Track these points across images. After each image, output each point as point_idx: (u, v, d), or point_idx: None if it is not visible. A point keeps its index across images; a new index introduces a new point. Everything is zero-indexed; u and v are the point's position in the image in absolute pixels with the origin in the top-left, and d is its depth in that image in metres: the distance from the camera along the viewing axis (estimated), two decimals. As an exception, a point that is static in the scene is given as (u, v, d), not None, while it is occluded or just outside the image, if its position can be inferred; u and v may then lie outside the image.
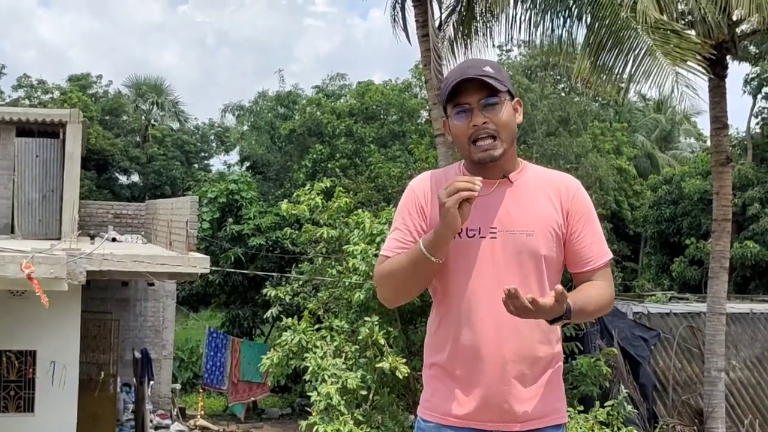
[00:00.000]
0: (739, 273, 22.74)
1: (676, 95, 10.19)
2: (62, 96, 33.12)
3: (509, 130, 2.70)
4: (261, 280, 19.41)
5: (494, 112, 2.67)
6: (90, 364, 15.13)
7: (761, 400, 13.71)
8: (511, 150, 2.75)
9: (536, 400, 2.73)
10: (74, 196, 15.94)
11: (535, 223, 2.70)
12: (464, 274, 2.71)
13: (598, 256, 2.77)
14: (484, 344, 2.68)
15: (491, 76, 2.66)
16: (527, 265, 2.69)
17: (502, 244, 2.69)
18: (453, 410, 2.76)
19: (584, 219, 2.76)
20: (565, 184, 2.80)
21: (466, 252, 2.70)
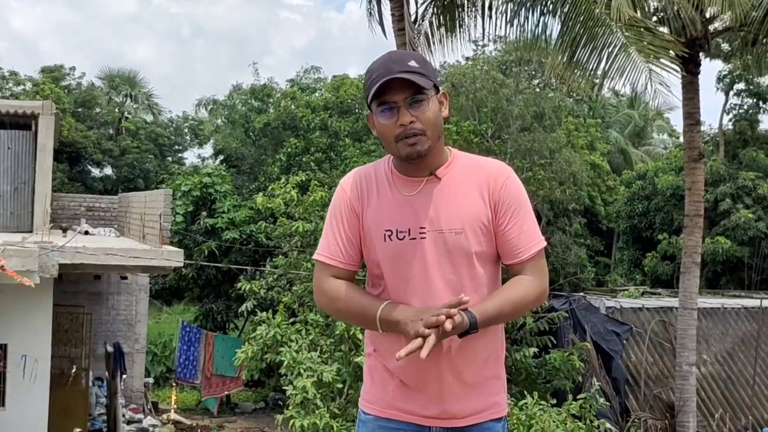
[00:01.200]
0: (711, 268, 22.95)
1: (649, 92, 10.27)
2: (34, 88, 32.77)
3: (436, 125, 2.64)
4: (235, 274, 19.35)
5: (421, 110, 2.60)
6: (62, 357, 15.01)
7: (731, 394, 13.86)
8: (439, 145, 2.70)
9: (474, 395, 2.73)
10: (46, 188, 15.80)
11: (464, 219, 2.66)
12: (397, 276, 2.69)
13: (528, 246, 2.69)
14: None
15: (417, 71, 2.60)
16: (459, 263, 2.66)
17: (432, 245, 2.65)
18: (392, 403, 2.77)
19: (513, 209, 2.69)
20: (494, 174, 2.72)
21: (396, 255, 2.68)
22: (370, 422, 2.83)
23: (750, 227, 22.21)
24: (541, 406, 9.32)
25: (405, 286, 2.67)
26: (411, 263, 2.67)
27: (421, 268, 2.66)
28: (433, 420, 2.73)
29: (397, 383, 2.76)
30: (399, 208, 2.69)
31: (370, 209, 2.73)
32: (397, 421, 2.76)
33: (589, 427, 9.66)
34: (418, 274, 2.66)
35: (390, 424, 2.78)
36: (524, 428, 8.92)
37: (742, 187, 23.07)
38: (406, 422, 2.76)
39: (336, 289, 2.75)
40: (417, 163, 2.67)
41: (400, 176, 2.72)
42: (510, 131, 20.06)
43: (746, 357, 14.49)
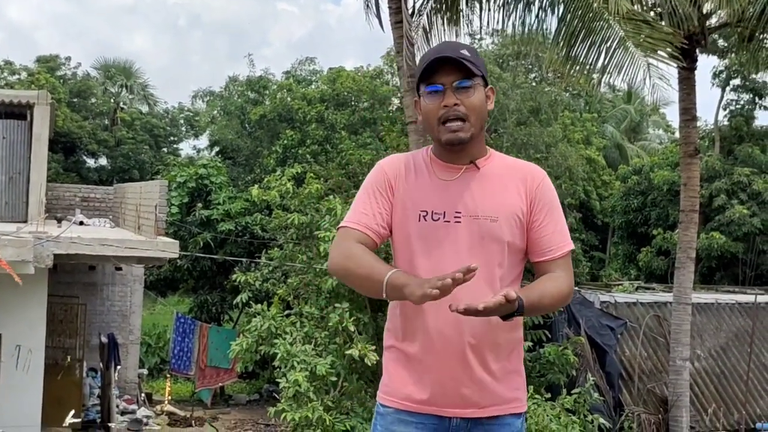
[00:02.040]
0: (705, 264, 22.99)
1: (648, 86, 10.28)
2: (30, 77, 32.68)
3: (479, 114, 2.69)
4: (230, 265, 19.33)
5: (466, 95, 2.66)
6: (56, 348, 14.99)
7: (725, 389, 13.90)
8: (480, 136, 2.76)
9: (496, 386, 2.73)
10: (41, 178, 15.77)
11: (500, 209, 2.70)
12: (427, 257, 2.70)
13: (559, 246, 2.77)
14: (444, 328, 2.67)
15: (468, 59, 2.66)
16: (490, 251, 2.69)
17: (466, 229, 2.69)
18: (411, 395, 2.75)
19: (547, 208, 2.76)
20: (531, 173, 2.79)
21: (429, 235, 2.71)
22: (388, 415, 2.82)
23: (744, 223, 22.24)
24: (535, 400, 9.34)
25: (435, 268, 2.63)
26: (443, 245, 2.70)
27: (453, 251, 2.68)
28: (453, 410, 2.72)
29: (416, 375, 2.74)
30: (436, 191, 2.73)
31: (407, 188, 2.76)
32: (416, 414, 2.75)
33: (582, 421, 9.69)
34: (449, 257, 2.67)
35: (409, 417, 2.77)
36: (518, 422, 8.93)
37: (737, 183, 23.11)
38: (426, 414, 2.74)
39: (352, 247, 2.72)
40: (457, 151, 2.72)
41: (440, 162, 2.77)
42: (506, 125, 20.06)
43: (740, 352, 14.52)
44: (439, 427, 2.74)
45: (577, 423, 9.43)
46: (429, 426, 2.75)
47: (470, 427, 2.73)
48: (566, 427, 9.18)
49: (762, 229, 22.52)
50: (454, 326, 2.65)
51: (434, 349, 2.68)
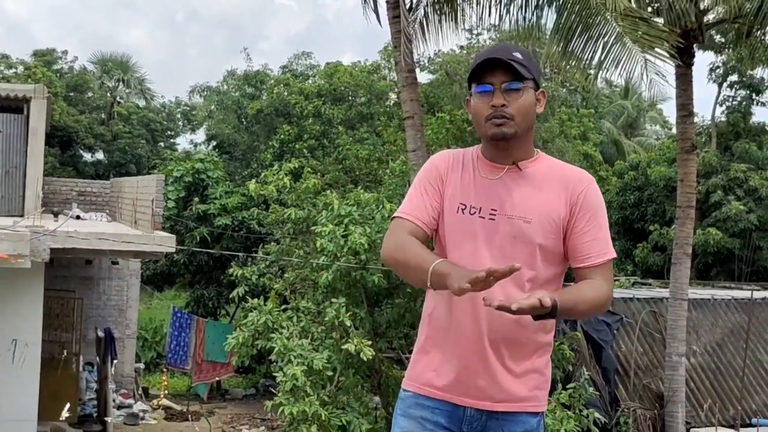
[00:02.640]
0: (701, 260, 23.01)
1: (644, 82, 10.28)
2: (26, 71, 32.60)
3: (526, 116, 2.75)
4: (226, 260, 19.33)
5: (515, 97, 2.72)
6: (52, 342, 14.99)
7: (720, 385, 13.92)
8: (526, 138, 2.80)
9: (513, 383, 2.75)
10: (38, 172, 15.75)
11: (536, 211, 2.73)
12: (459, 249, 2.77)
13: (599, 254, 2.77)
14: (466, 319, 2.73)
15: (519, 62, 2.72)
16: (520, 251, 2.72)
17: (499, 227, 2.74)
18: (430, 381, 2.83)
19: (589, 215, 2.77)
20: (577, 178, 2.82)
21: (464, 228, 2.78)
22: (408, 399, 2.89)
23: (741, 219, 22.26)
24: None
25: (463, 260, 2.69)
26: (476, 239, 2.76)
27: (485, 246, 2.73)
28: (467, 399, 2.77)
29: (437, 362, 2.81)
30: (477, 188, 2.80)
31: (452, 183, 2.84)
32: (433, 399, 2.82)
33: (578, 416, 9.70)
34: (480, 251, 2.74)
35: (426, 401, 2.84)
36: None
37: (733, 179, 23.12)
38: (442, 400, 2.80)
39: (403, 238, 2.80)
40: (502, 149, 2.78)
41: (485, 161, 2.83)
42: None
43: (736, 348, 14.54)
44: (453, 414, 2.79)
45: (573, 418, 9.44)
46: (444, 412, 2.81)
47: (484, 419, 2.77)
48: (561, 421, 9.19)
49: (758, 225, 22.55)
50: (475, 319, 2.72)
51: (455, 338, 2.76)
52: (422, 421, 2.83)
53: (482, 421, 2.77)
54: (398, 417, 2.92)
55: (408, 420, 2.88)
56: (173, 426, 17.03)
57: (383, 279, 9.63)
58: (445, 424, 2.81)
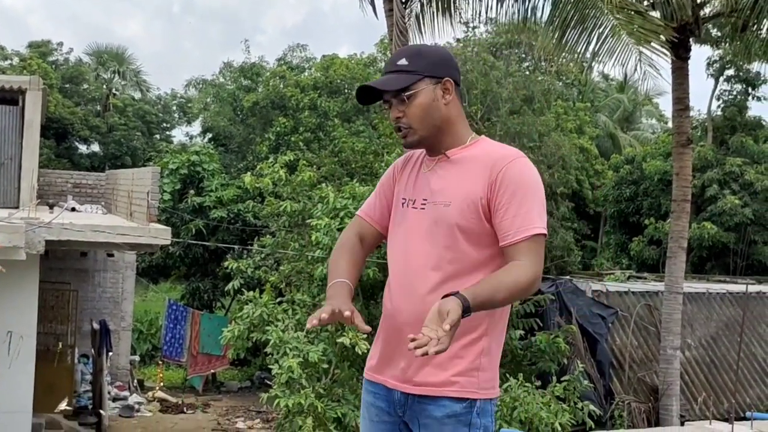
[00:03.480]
0: (696, 253, 23.05)
1: (639, 74, 10.29)
2: (22, 63, 32.48)
3: (424, 118, 2.81)
4: (222, 252, 19.32)
5: (407, 106, 2.80)
6: (47, 334, 14.97)
7: (715, 378, 13.97)
8: (442, 130, 2.85)
9: (432, 367, 2.76)
10: (33, 164, 15.72)
11: (455, 194, 2.78)
12: (396, 240, 2.95)
13: (518, 230, 2.68)
14: (393, 306, 2.86)
15: (403, 69, 2.79)
16: (440, 234, 2.78)
17: (426, 215, 2.83)
18: (371, 366, 2.98)
19: (510, 192, 2.70)
20: (501, 156, 2.78)
21: (399, 220, 2.94)
22: (363, 385, 3.04)
23: (736, 213, 22.30)
24: (525, 388, 9.37)
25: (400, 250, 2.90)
26: (408, 228, 2.89)
27: (415, 234, 2.86)
28: (394, 382, 2.86)
29: (376, 348, 2.97)
30: (415, 181, 2.95)
31: (401, 181, 3.02)
32: (374, 383, 2.95)
33: (572, 408, 9.72)
34: (410, 241, 2.86)
35: (371, 387, 2.97)
36: (508, 410, 8.97)
37: (729, 173, 23.15)
38: (379, 384, 2.92)
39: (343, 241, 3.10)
40: (425, 149, 2.94)
41: (426, 155, 2.98)
42: (499, 114, 20.03)
43: (730, 342, 14.59)
44: (388, 397, 2.90)
45: (567, 410, 9.46)
46: (381, 396, 2.92)
47: (409, 402, 2.83)
48: (556, 414, 9.22)
49: (753, 220, 22.58)
50: (398, 305, 2.84)
51: (386, 326, 2.91)
52: (369, 405, 2.98)
53: (408, 404, 2.83)
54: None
55: (363, 405, 3.04)
56: (168, 418, 17.03)
57: (378, 272, 9.64)
58: (384, 408, 2.91)
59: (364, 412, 3.02)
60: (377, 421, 2.94)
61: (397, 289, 2.86)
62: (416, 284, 2.78)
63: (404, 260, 2.85)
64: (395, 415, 2.87)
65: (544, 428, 8.99)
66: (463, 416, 2.76)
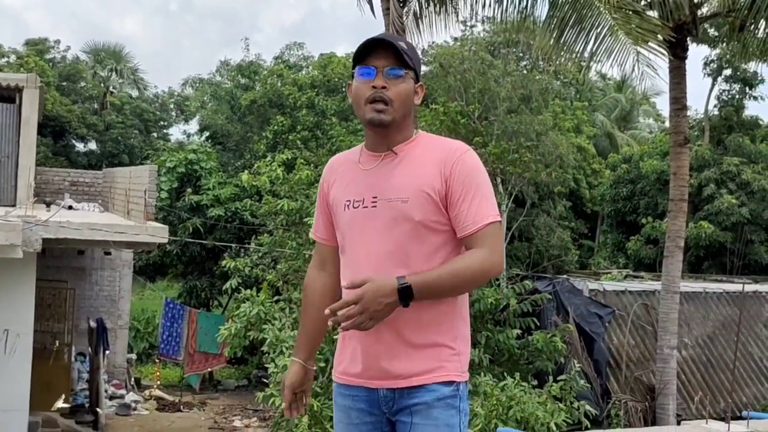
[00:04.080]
0: (693, 253, 23.08)
1: (636, 74, 10.29)
2: (19, 60, 32.46)
3: (404, 103, 2.82)
4: (219, 251, 19.32)
5: (395, 83, 2.79)
6: (44, 332, 14.97)
7: (711, 378, 13.98)
8: (403, 124, 2.87)
9: (418, 356, 2.79)
10: (30, 162, 15.70)
11: (411, 190, 2.77)
12: (351, 242, 2.88)
13: (476, 220, 2.74)
14: None
15: (403, 50, 2.80)
16: (402, 231, 2.76)
17: (381, 212, 2.80)
18: (346, 369, 2.93)
19: (465, 183, 2.76)
20: (451, 149, 2.83)
21: (352, 222, 2.87)
22: (334, 390, 3.01)
23: (733, 213, 22.32)
24: (522, 387, 9.37)
25: (356, 252, 2.86)
26: (362, 229, 2.84)
27: (371, 234, 2.81)
28: (377, 381, 2.84)
29: (351, 348, 2.91)
30: (357, 181, 2.90)
31: (336, 185, 2.97)
32: (350, 387, 2.92)
33: (569, 408, 9.72)
34: (367, 241, 2.82)
35: (346, 390, 2.94)
36: (504, 409, 8.97)
37: (726, 173, 23.17)
38: (357, 386, 2.89)
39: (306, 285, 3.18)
40: (380, 135, 2.86)
41: (366, 152, 2.93)
42: (497, 113, 20.03)
43: (727, 341, 14.60)
44: (370, 397, 2.87)
45: (564, 410, 9.46)
46: (362, 398, 2.89)
47: (396, 396, 2.83)
48: (552, 414, 9.22)
49: (750, 219, 22.60)
50: None
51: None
52: (347, 409, 2.94)
53: (395, 399, 2.83)
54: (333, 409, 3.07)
55: (337, 410, 3.01)
56: (165, 417, 17.03)
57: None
58: (366, 409, 2.89)
59: (341, 417, 2.98)
60: (358, 423, 2.92)
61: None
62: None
63: (367, 261, 2.79)
64: (379, 413, 2.88)
65: (540, 427, 8.99)
66: (450, 399, 2.81)
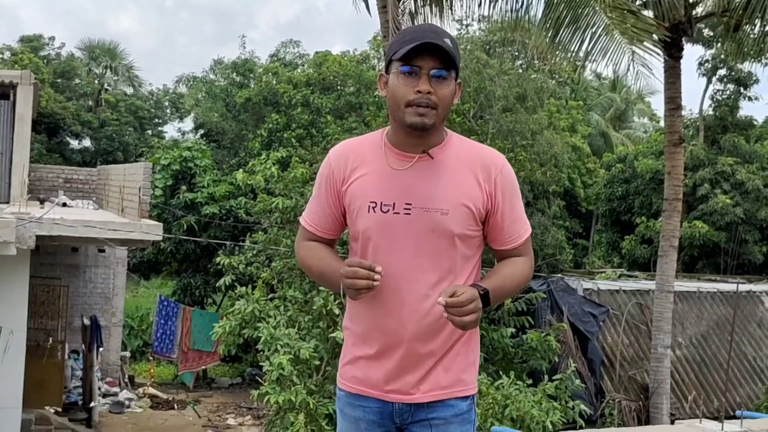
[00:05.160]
0: (687, 252, 23.09)
1: (632, 73, 10.30)
2: (13, 57, 32.38)
3: (448, 106, 2.66)
4: (213, 249, 19.29)
5: (441, 85, 2.60)
6: (38, 330, 14.93)
7: (705, 377, 14.01)
8: (441, 127, 2.72)
9: (439, 372, 2.74)
10: (24, 159, 15.66)
11: (452, 201, 2.65)
12: (376, 248, 2.70)
13: (519, 234, 2.78)
14: (389, 320, 2.70)
15: (449, 49, 2.59)
16: (439, 243, 2.66)
17: (416, 221, 2.65)
18: (359, 379, 2.80)
19: (508, 197, 2.72)
20: (491, 160, 2.72)
21: (380, 227, 2.68)
22: (342, 399, 2.88)
23: (727, 212, 22.35)
24: (516, 386, 9.38)
25: (386, 260, 2.65)
26: (393, 237, 2.67)
27: (403, 243, 2.66)
28: (395, 395, 2.75)
29: (365, 356, 2.78)
30: (386, 182, 2.68)
31: (356, 181, 2.73)
32: (364, 397, 2.80)
33: (563, 407, 9.73)
34: (399, 249, 2.67)
35: (357, 401, 2.81)
36: (499, 408, 8.98)
37: (720, 173, 23.19)
38: (371, 398, 2.78)
39: (314, 247, 2.89)
40: (415, 137, 2.66)
41: (393, 150, 2.71)
42: (492, 112, 20.04)
43: (720, 341, 14.63)
44: (383, 410, 2.77)
45: (558, 409, 9.47)
46: (374, 410, 2.79)
47: (413, 410, 2.75)
48: (547, 413, 9.22)
49: (744, 219, 22.63)
50: (397, 320, 2.69)
51: (380, 339, 2.73)
52: (356, 420, 2.83)
53: (411, 412, 2.76)
54: (338, 416, 2.95)
55: (344, 420, 2.88)
56: (159, 414, 17.00)
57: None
58: (377, 421, 2.79)
59: (349, 427, 2.86)
60: None
61: (396, 304, 2.68)
62: (418, 299, 2.66)
63: (399, 272, 2.66)
64: (389, 424, 2.80)
65: (536, 426, 9.00)
66: (467, 414, 2.79)
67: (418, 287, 2.65)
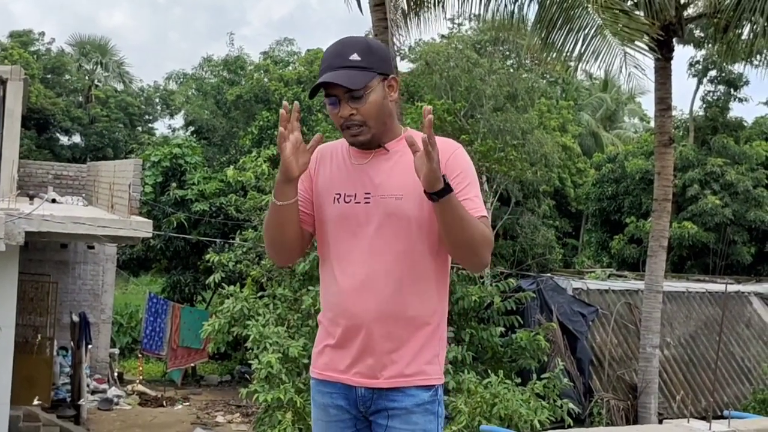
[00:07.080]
0: (676, 252, 23.17)
1: (623, 74, 10.33)
2: (3, 52, 32.23)
3: (378, 115, 2.78)
4: (203, 246, 19.26)
5: (360, 103, 2.75)
6: (26, 326, 14.89)
7: (693, 377, 14.06)
8: (385, 128, 2.84)
9: (403, 359, 2.80)
10: (13, 154, 15.61)
11: (406, 186, 2.77)
12: (339, 237, 2.86)
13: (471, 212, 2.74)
14: (350, 304, 2.81)
15: (356, 66, 2.73)
16: (397, 227, 2.78)
17: (374, 209, 2.80)
18: (326, 365, 2.90)
19: (457, 179, 2.75)
20: (444, 147, 2.78)
21: (343, 217, 2.84)
22: (313, 387, 2.98)
23: (716, 213, 22.43)
24: (505, 385, 9.40)
25: (347, 247, 2.83)
26: (355, 225, 2.83)
27: (363, 230, 2.81)
28: (358, 379, 2.82)
29: (332, 343, 2.87)
30: (349, 175, 2.88)
31: (324, 173, 2.92)
32: (331, 383, 2.89)
33: (552, 406, 9.76)
34: (360, 236, 2.82)
35: (325, 387, 2.91)
36: (488, 406, 9.00)
37: (710, 174, 23.27)
38: (337, 383, 2.87)
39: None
40: (367, 144, 2.83)
41: (355, 149, 2.89)
42: (483, 111, 20.07)
43: (709, 341, 14.69)
44: (348, 395, 2.85)
45: (547, 408, 9.50)
46: (341, 395, 2.87)
47: (374, 396, 2.82)
48: (535, 411, 9.25)
49: (733, 220, 22.72)
50: (357, 303, 2.79)
51: (342, 324, 2.83)
52: (325, 407, 2.92)
53: (373, 399, 2.82)
54: (312, 405, 3.02)
55: (316, 408, 2.98)
56: (147, 411, 16.97)
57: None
58: (344, 406, 2.87)
59: (319, 414, 2.95)
60: (335, 420, 2.91)
61: (355, 287, 2.80)
62: (379, 282, 2.77)
63: (361, 257, 2.80)
64: (355, 411, 2.87)
65: (524, 425, 9.02)
66: (429, 404, 2.83)
67: (378, 270, 2.76)
